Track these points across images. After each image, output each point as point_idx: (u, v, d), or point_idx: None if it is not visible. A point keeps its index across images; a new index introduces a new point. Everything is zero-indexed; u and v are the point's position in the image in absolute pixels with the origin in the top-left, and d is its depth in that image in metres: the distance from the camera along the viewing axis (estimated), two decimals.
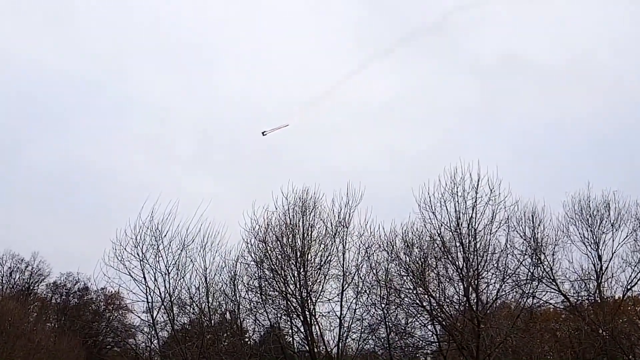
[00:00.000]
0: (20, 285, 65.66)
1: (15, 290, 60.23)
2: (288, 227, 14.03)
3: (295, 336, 14.48)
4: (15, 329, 32.53)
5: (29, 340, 32.10)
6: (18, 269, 68.30)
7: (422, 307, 13.15)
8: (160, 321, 14.24)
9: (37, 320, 46.45)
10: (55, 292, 72.05)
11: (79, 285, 71.56)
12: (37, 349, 31.80)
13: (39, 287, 70.24)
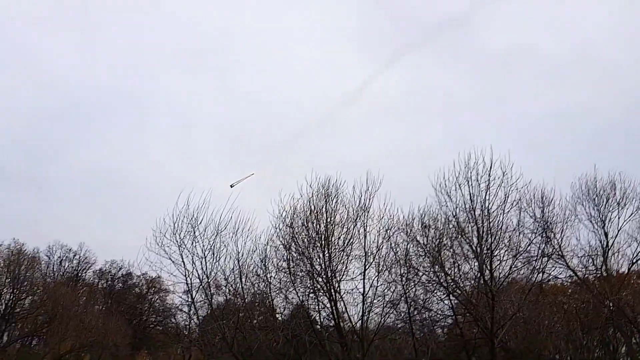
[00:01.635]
0: (69, 273, 66.82)
1: (65, 277, 61.26)
2: (312, 213, 14.10)
3: (322, 312, 14.57)
4: (67, 312, 33.18)
5: (81, 321, 32.73)
6: (67, 257, 69.44)
7: (439, 283, 13.14)
8: (199, 301, 14.40)
9: (86, 303, 47.22)
10: (101, 278, 73.23)
11: (123, 271, 72.55)
12: (87, 328, 32.41)
13: (86, 273, 71.37)
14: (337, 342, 14.20)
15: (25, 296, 36.77)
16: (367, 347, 12.50)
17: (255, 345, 12.95)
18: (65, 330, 33.13)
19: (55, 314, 34.25)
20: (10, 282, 35.50)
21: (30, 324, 37.38)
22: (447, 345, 15.14)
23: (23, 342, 38.52)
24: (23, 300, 36.63)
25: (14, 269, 35.72)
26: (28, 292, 36.80)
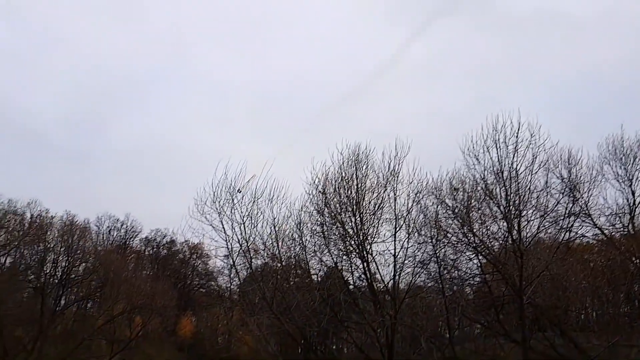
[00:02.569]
0: (118, 241, 68.52)
1: (114, 245, 62.80)
2: (344, 179, 14.03)
3: (355, 273, 14.64)
4: (118, 277, 34.07)
5: (130, 285, 33.62)
6: (115, 227, 71.18)
7: (467, 244, 13.01)
8: (239, 264, 14.61)
9: (134, 269, 48.51)
10: (148, 245, 74.96)
11: (167, 238, 74.15)
12: (137, 292, 33.30)
13: (133, 241, 73.12)
14: (370, 300, 14.31)
15: (79, 263, 37.95)
16: (399, 306, 12.51)
17: (293, 304, 13.11)
18: (116, 294, 34.18)
19: (107, 279, 35.36)
20: (64, 250, 36.64)
21: (84, 289, 38.69)
22: (476, 303, 15.07)
23: (79, 305, 39.94)
24: (77, 267, 37.82)
25: (68, 239, 36.81)
26: (81, 260, 37.95)
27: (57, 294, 35.67)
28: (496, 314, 12.86)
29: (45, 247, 36.91)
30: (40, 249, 37.04)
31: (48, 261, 36.83)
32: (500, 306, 13.11)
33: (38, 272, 37.13)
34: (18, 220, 37.69)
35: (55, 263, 36.81)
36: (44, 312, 32.81)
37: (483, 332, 14.51)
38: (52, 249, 37.01)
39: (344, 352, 19.88)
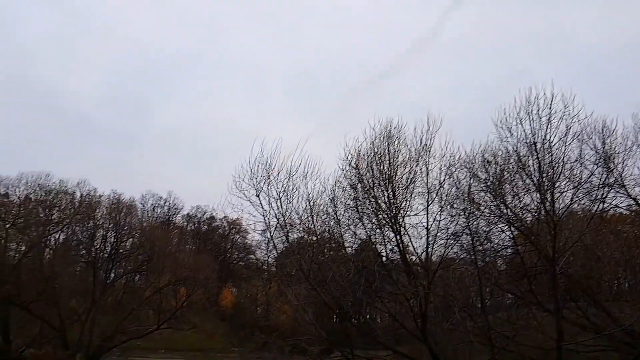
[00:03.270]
0: (161, 218, 70.12)
1: (158, 222, 64.18)
2: (376, 154, 13.82)
3: (388, 245, 14.50)
4: (162, 251, 34.80)
5: (175, 258, 34.36)
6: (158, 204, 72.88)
7: (500, 216, 12.68)
8: (276, 237, 14.64)
9: (178, 243, 49.53)
10: (189, 221, 76.54)
11: (207, 215, 75.59)
12: (181, 265, 34.02)
13: (176, 218, 74.77)
14: (403, 272, 14.21)
15: (126, 239, 38.97)
16: (432, 277, 12.35)
17: (329, 276, 13.11)
18: (162, 267, 35.04)
19: (153, 254, 36.23)
20: (112, 227, 37.65)
21: (132, 263, 39.75)
22: (509, 274, 14.78)
23: (127, 278, 41.11)
24: (125, 242, 38.85)
25: (115, 216, 37.78)
26: (128, 235, 38.96)
27: (107, 267, 36.77)
28: (529, 285, 12.56)
29: (94, 224, 37.99)
30: (90, 226, 38.17)
31: (98, 237, 37.97)
32: (532, 277, 12.79)
33: (89, 247, 38.34)
34: (69, 199, 38.82)
35: (104, 239, 37.92)
36: (96, 284, 33.91)
37: (515, 302, 14.22)
38: (101, 225, 38.08)
39: (377, 322, 19.88)
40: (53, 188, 37.56)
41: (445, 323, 13.15)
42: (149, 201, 71.56)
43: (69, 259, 36.71)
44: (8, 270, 30.77)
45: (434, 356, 12.58)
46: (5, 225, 33.78)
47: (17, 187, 35.67)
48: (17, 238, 35.15)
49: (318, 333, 13.86)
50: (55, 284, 30.92)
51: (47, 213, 36.55)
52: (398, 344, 14.56)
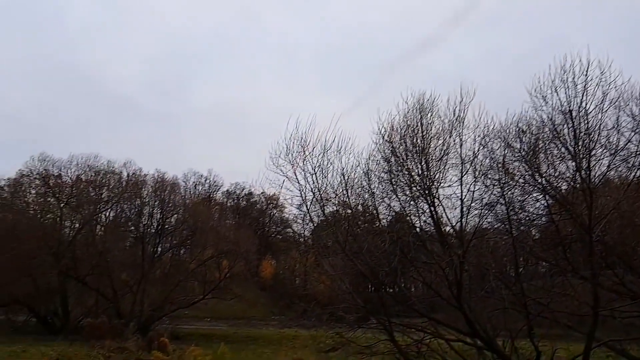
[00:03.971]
0: (202, 195, 71.31)
1: (200, 198, 65.23)
2: (409, 127, 13.48)
3: (422, 217, 14.21)
4: (205, 226, 35.35)
5: (217, 233, 34.89)
6: (199, 182, 74.12)
7: (534, 185, 12.24)
8: (312, 211, 14.60)
9: (219, 219, 50.21)
10: (229, 197, 77.66)
11: (245, 191, 76.46)
12: (222, 239, 34.51)
13: (216, 194, 75.91)
14: (437, 242, 13.99)
15: (171, 215, 39.73)
16: (467, 246, 12.08)
17: (365, 247, 13.01)
18: (205, 241, 35.73)
19: (196, 229, 36.95)
20: (158, 204, 38.43)
21: (177, 237, 40.61)
22: (544, 242, 14.37)
23: (173, 252, 42.08)
24: (169, 218, 39.64)
25: (160, 194, 38.52)
26: (172, 212, 39.72)
27: (154, 242, 37.65)
28: (564, 252, 12.16)
29: (141, 202, 38.86)
30: (137, 204, 39.05)
31: (144, 214, 38.86)
32: (567, 245, 12.37)
33: (137, 223, 39.30)
34: (117, 178, 39.70)
35: (150, 215, 38.77)
36: (145, 258, 34.86)
37: (550, 270, 13.84)
38: (147, 203, 38.92)
39: (412, 290, 19.78)
40: (102, 168, 38.51)
41: (480, 291, 12.93)
42: (190, 179, 72.85)
43: (119, 235, 37.80)
44: (64, 247, 31.94)
45: (468, 322, 12.43)
46: (60, 204, 34.93)
47: (69, 168, 36.72)
48: (70, 216, 36.32)
49: (355, 301, 13.84)
50: (107, 258, 31.95)
51: (97, 192, 37.54)
52: (433, 311, 14.44)
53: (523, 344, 12.80)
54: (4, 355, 16.30)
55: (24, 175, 38.08)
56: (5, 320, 34.34)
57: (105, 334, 23.63)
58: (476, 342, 13.03)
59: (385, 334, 13.57)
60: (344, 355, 15.01)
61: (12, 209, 36.23)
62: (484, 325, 12.57)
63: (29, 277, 29.88)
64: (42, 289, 31.08)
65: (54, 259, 30.27)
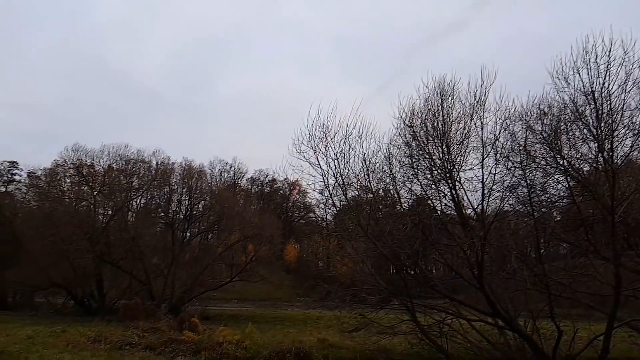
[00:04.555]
0: (228, 182, 71.89)
1: (225, 185, 65.75)
2: (430, 111, 13.28)
3: (443, 200, 14.06)
4: (231, 212, 35.56)
5: (242, 218, 35.06)
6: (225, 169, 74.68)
7: (556, 167, 11.94)
8: (334, 196, 14.54)
9: (244, 205, 50.48)
10: (253, 184, 78.17)
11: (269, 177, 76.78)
12: (248, 223, 34.67)
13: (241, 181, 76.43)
14: (458, 224, 13.82)
15: (198, 202, 40.08)
16: (488, 228, 11.89)
17: (387, 230, 12.91)
18: (231, 226, 36.03)
19: (222, 214, 37.26)
20: (186, 191, 38.82)
21: (204, 223, 41.03)
22: (565, 223, 14.06)
23: (201, 236, 42.55)
24: (197, 205, 39.99)
25: (188, 181, 38.88)
26: (200, 198, 40.07)
27: (183, 227, 38.09)
28: (585, 234, 11.88)
29: (170, 189, 39.28)
30: (166, 191, 39.48)
31: (173, 201, 39.27)
32: (589, 226, 12.08)
33: (166, 210, 39.79)
34: (146, 167, 40.18)
35: (179, 202, 39.17)
36: (174, 243, 35.33)
37: (571, 251, 13.55)
38: (175, 190, 39.33)
39: (433, 272, 19.65)
40: (132, 158, 39.00)
41: (501, 272, 12.75)
42: (216, 166, 73.55)
43: (149, 221, 38.36)
44: (98, 232, 32.57)
45: (490, 303, 12.30)
46: (93, 192, 35.55)
47: (101, 158, 37.24)
48: (103, 203, 36.95)
49: (377, 283, 13.81)
50: (139, 243, 32.46)
51: (128, 180, 38.07)
52: (454, 292, 14.33)
53: (544, 324, 12.62)
54: (45, 335, 16.76)
55: (59, 165, 38.85)
56: (45, 302, 35.36)
57: (139, 314, 24.08)
58: (497, 322, 12.91)
59: (407, 314, 13.54)
60: (367, 335, 15.00)
61: (49, 198, 37.04)
62: (506, 305, 12.42)
63: (66, 262, 30.60)
64: (79, 273, 31.84)
65: (89, 244, 30.93)
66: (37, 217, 34.50)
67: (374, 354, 13.58)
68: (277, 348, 14.45)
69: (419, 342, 13.72)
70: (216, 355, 13.85)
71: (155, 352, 14.34)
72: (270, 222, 37.33)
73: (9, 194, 56.98)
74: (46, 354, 12.94)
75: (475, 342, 13.20)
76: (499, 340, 13.06)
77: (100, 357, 12.71)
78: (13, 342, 14.71)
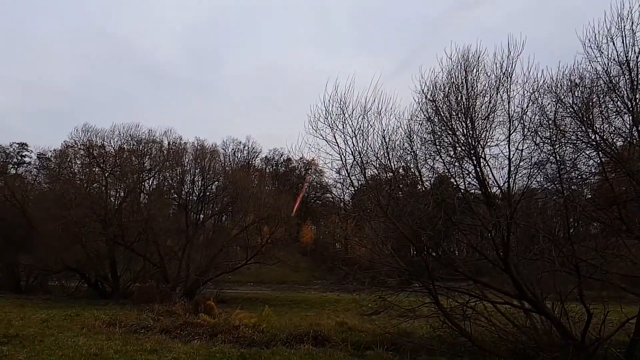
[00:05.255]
0: (242, 162, 72.39)
1: (239, 165, 66.15)
2: (453, 85, 13.04)
3: (467, 178, 13.85)
4: (245, 192, 35.86)
5: (257, 199, 35.30)
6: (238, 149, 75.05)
7: (587, 142, 11.70)
8: (353, 174, 14.50)
9: (259, 185, 50.87)
10: (268, 164, 78.64)
11: (284, 157, 77.03)
12: (263, 205, 34.92)
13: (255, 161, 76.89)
14: (483, 203, 13.70)
15: (211, 182, 40.46)
16: (515, 207, 11.73)
17: (407, 210, 12.87)
18: (246, 208, 36.34)
19: (236, 195, 37.58)
20: (199, 172, 39.16)
21: (218, 204, 41.46)
22: (596, 201, 13.84)
23: (215, 218, 43.03)
24: (210, 186, 40.39)
25: (200, 162, 39.20)
26: (213, 179, 40.43)
27: (197, 209, 38.54)
28: (618, 212, 11.68)
29: (182, 170, 39.67)
30: (179, 172, 39.90)
31: (186, 182, 39.70)
32: (622, 204, 11.87)
33: (179, 191, 40.25)
34: (158, 147, 40.60)
35: (192, 183, 39.59)
36: (188, 224, 35.83)
37: (603, 231, 13.35)
38: (188, 171, 39.72)
39: (456, 254, 19.63)
40: (143, 138, 39.42)
41: (528, 253, 12.65)
42: (229, 146, 74.00)
43: (162, 202, 38.85)
44: (111, 214, 33.15)
45: (516, 285, 12.26)
46: (105, 174, 36.07)
47: (112, 138, 37.70)
48: (115, 185, 37.52)
49: (397, 265, 13.81)
50: (152, 225, 32.96)
51: (139, 161, 38.54)
52: (478, 274, 14.28)
53: (573, 306, 12.53)
54: (60, 318, 17.23)
55: (69, 146, 39.53)
56: (59, 286, 36.30)
57: (154, 297, 24.59)
58: (524, 304, 12.87)
59: (428, 297, 13.57)
60: (387, 318, 15.12)
61: (60, 179, 37.75)
62: (532, 287, 12.35)
63: (79, 245, 31.28)
64: (92, 256, 32.55)
65: (102, 227, 31.55)
66: (48, 200, 35.22)
67: (395, 338, 13.68)
68: (295, 331, 14.64)
69: (441, 326, 13.75)
70: (232, 339, 14.09)
71: (171, 336, 14.65)
72: (285, 203, 37.56)
73: (19, 176, 58.19)
74: (61, 337, 13.30)
75: (500, 325, 13.20)
76: (525, 324, 13.03)
77: (115, 340, 13.02)
78: (27, 325, 15.14)
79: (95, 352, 11.24)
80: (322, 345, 13.56)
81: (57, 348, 11.68)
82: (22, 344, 12.08)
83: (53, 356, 10.75)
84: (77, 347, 11.85)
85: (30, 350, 11.25)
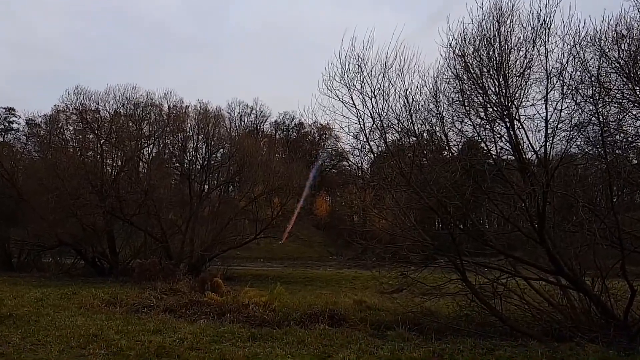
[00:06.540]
0: (249, 127, 72.54)
1: (246, 131, 66.22)
2: (485, 38, 12.80)
3: (499, 142, 13.71)
4: (254, 160, 35.93)
5: (266, 167, 35.37)
6: (245, 113, 75.30)
7: (635, 101, 11.52)
8: (372, 139, 14.48)
9: (268, 152, 51.03)
10: (277, 129, 78.73)
11: (295, 121, 76.93)
12: (273, 174, 35.01)
13: (263, 126, 76.90)
14: (516, 170, 13.64)
15: (216, 150, 40.61)
16: (551, 175, 11.64)
17: (432, 178, 12.85)
18: (254, 177, 36.48)
19: (244, 163, 37.66)
20: (202, 138, 39.30)
21: (224, 173, 41.65)
22: None
23: (221, 189, 43.33)
24: (215, 153, 40.55)
25: (204, 127, 39.28)
26: (218, 146, 40.53)
27: (201, 179, 38.72)
28: None
29: (184, 136, 39.84)
30: (181, 138, 40.07)
31: (189, 149, 39.92)
32: None
33: (181, 159, 40.54)
34: (157, 111, 40.75)
35: (195, 150, 39.81)
36: (192, 196, 36.12)
37: None
38: (190, 137, 39.89)
39: (486, 226, 19.68)
40: (141, 101, 39.50)
41: (566, 224, 12.65)
42: (235, 109, 74.12)
43: (163, 172, 39.09)
44: (108, 185, 33.52)
45: (552, 259, 12.31)
46: (100, 141, 36.33)
47: (106, 101, 37.68)
48: (112, 153, 37.87)
49: (421, 238, 13.87)
50: (153, 196, 33.29)
51: (137, 127, 38.70)
52: (510, 248, 14.36)
53: (615, 283, 12.59)
54: (56, 297, 17.70)
55: (60, 111, 39.87)
56: (53, 263, 36.92)
57: (156, 275, 25.08)
58: (560, 281, 12.95)
59: (455, 273, 13.66)
60: (409, 296, 15.31)
61: (51, 147, 38.11)
62: (570, 262, 12.41)
63: (74, 218, 31.72)
64: (89, 230, 32.96)
65: (98, 199, 31.87)
66: (39, 170, 35.59)
67: (418, 317, 13.87)
68: (309, 310, 14.91)
69: (469, 304, 13.89)
70: (242, 318, 14.41)
71: (176, 315, 15.03)
72: (298, 171, 37.49)
73: (7, 144, 59.03)
74: (57, 317, 13.67)
75: (534, 303, 13.32)
76: (562, 302, 13.15)
77: (116, 320, 13.40)
78: (21, 305, 15.54)
79: (95, 332, 11.50)
80: (339, 325, 13.79)
81: (53, 328, 11.97)
82: (16, 325, 12.39)
83: (50, 337, 10.96)
84: (75, 327, 12.12)
85: (25, 331, 11.52)
